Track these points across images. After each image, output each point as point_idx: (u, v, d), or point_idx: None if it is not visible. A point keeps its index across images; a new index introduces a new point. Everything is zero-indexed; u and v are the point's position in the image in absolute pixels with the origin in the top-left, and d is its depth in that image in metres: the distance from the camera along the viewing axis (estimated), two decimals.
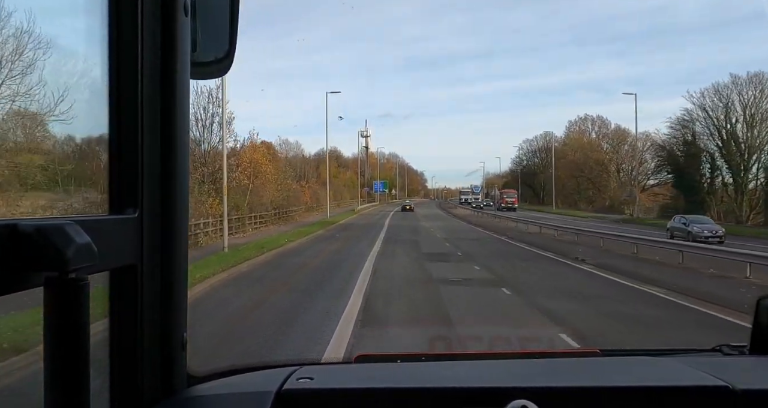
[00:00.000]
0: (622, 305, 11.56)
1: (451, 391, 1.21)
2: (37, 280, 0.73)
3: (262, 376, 1.38)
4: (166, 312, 1.07)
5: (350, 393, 1.22)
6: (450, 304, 11.18)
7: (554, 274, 16.29)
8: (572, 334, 8.41)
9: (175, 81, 1.05)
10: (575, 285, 14.21)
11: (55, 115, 3.26)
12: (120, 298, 1.00)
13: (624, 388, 1.23)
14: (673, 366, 1.43)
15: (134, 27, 0.98)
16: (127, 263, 0.98)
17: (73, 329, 0.74)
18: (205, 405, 1.16)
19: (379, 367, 1.51)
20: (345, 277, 14.75)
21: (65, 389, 0.75)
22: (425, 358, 1.57)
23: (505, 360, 1.63)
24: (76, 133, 3.26)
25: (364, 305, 10.89)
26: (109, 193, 0.99)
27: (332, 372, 1.45)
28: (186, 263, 1.14)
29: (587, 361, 1.59)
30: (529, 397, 1.09)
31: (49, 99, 2.28)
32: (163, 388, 1.10)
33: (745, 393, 1.16)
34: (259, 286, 13.96)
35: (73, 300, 0.74)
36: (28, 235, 0.71)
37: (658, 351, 1.63)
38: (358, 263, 17.65)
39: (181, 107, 1.08)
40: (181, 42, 1.06)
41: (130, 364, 1.02)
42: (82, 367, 0.75)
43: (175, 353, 1.12)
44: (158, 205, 1.04)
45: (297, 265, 17.63)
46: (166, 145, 1.05)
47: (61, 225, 0.74)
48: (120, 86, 0.98)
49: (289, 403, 1.17)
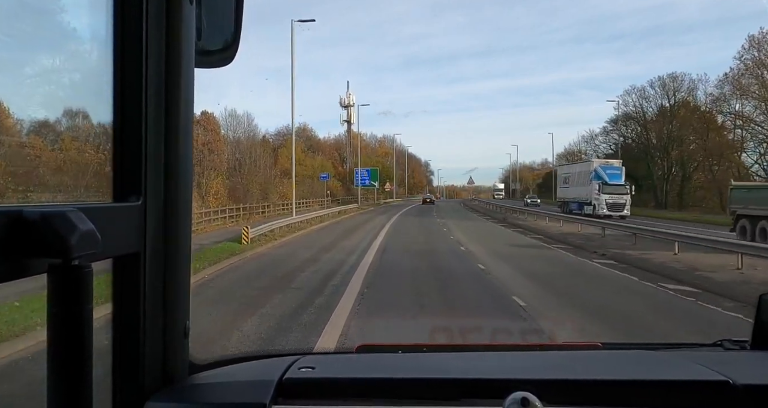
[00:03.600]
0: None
1: (451, 382, 1.21)
2: (40, 266, 0.73)
3: (263, 365, 1.38)
4: (168, 300, 1.08)
5: (351, 382, 1.22)
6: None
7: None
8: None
9: (179, 69, 1.05)
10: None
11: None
12: (123, 285, 1.01)
13: (624, 381, 1.23)
14: (674, 360, 1.43)
15: (139, 15, 0.97)
16: (130, 251, 0.98)
17: (76, 316, 0.74)
18: (207, 393, 1.17)
19: (381, 357, 1.52)
20: None
21: (68, 375, 0.75)
22: (426, 348, 1.57)
23: (507, 352, 1.63)
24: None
25: None
26: (113, 181, 0.99)
27: (334, 361, 1.45)
28: (189, 251, 1.14)
29: (588, 354, 1.59)
30: (530, 389, 1.09)
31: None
32: (165, 376, 1.10)
33: (746, 388, 1.16)
34: None
35: (77, 287, 0.74)
36: (32, 222, 0.71)
37: (659, 345, 1.64)
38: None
39: (186, 96, 1.08)
40: (186, 30, 1.06)
41: (132, 351, 1.02)
42: (85, 354, 0.76)
43: (178, 341, 1.12)
44: (162, 193, 1.04)
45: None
46: (170, 133, 1.05)
47: (64, 212, 0.74)
48: (124, 74, 0.98)
49: (290, 392, 1.17)
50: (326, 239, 23.09)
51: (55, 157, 6.87)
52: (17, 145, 6.56)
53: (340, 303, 10.01)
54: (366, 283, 12.19)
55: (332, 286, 11.94)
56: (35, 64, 1.77)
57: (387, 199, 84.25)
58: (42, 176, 6.70)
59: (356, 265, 14.98)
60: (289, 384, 1.19)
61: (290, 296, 10.78)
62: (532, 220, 37.75)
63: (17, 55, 1.43)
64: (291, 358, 1.34)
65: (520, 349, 1.68)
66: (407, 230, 28.67)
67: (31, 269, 0.73)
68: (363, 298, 10.56)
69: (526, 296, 10.66)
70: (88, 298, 0.75)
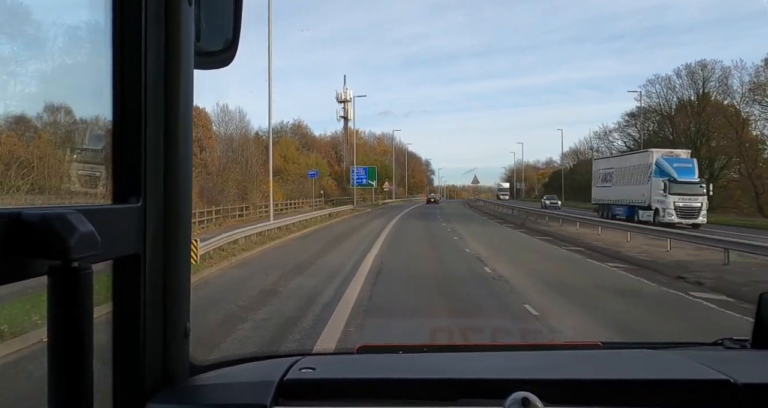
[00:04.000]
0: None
1: (452, 382, 1.21)
2: (40, 268, 0.73)
3: (264, 366, 1.38)
4: (169, 301, 1.08)
5: (352, 383, 1.22)
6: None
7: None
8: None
9: (179, 71, 1.05)
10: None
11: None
12: (123, 286, 1.01)
13: (625, 380, 1.23)
14: (674, 359, 1.43)
15: (138, 16, 0.97)
16: (130, 252, 0.98)
17: (76, 317, 0.74)
18: (207, 394, 1.17)
19: (381, 357, 1.52)
20: None
21: (68, 376, 0.75)
22: (427, 349, 1.57)
23: (507, 352, 1.63)
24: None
25: None
26: (112, 183, 1.00)
27: (334, 362, 1.45)
28: (189, 252, 1.14)
29: (588, 354, 1.59)
30: (530, 389, 1.09)
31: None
32: (166, 377, 1.10)
33: (746, 387, 1.16)
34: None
35: (77, 288, 0.74)
36: (32, 224, 0.71)
37: (659, 344, 1.64)
38: None
39: (185, 97, 1.08)
40: (185, 32, 1.06)
41: (132, 352, 1.02)
42: (85, 355, 0.76)
43: (178, 342, 1.12)
44: (161, 194, 1.04)
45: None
46: (169, 134, 1.05)
47: (64, 214, 0.74)
48: (124, 76, 0.98)
49: (291, 393, 1.17)
50: (302, 254, 17.25)
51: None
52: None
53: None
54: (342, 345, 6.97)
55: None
56: (35, 66, 1.78)
57: (386, 199, 79.66)
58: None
59: (331, 304, 9.60)
60: (289, 385, 1.19)
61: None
62: (556, 225, 30.68)
63: (18, 58, 1.43)
64: (291, 359, 1.34)
65: (520, 348, 1.68)
66: (409, 241, 22.70)
67: (31, 271, 0.73)
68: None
69: None
70: (88, 299, 0.75)
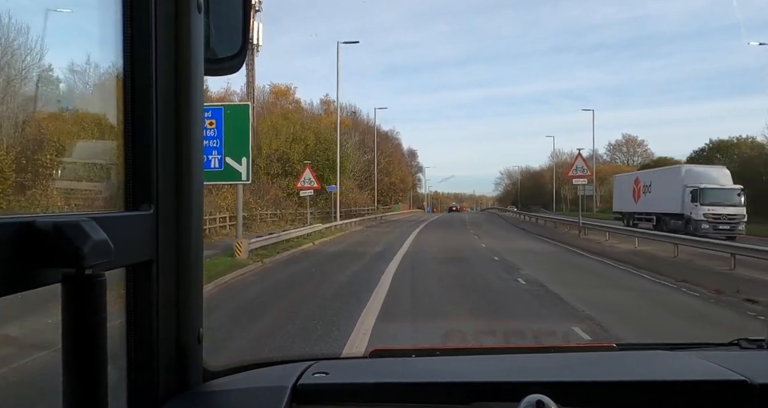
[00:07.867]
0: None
1: (465, 386, 1.21)
2: (54, 276, 0.74)
3: (277, 371, 1.38)
4: (182, 307, 1.08)
5: (365, 388, 1.22)
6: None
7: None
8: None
9: (189, 78, 1.06)
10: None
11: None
12: (136, 293, 1.01)
13: (640, 382, 1.22)
14: (689, 360, 1.42)
15: (148, 24, 0.98)
16: (143, 259, 0.99)
17: (90, 325, 0.75)
18: (221, 400, 1.17)
19: (394, 361, 1.51)
20: None
21: (83, 383, 0.75)
22: (440, 352, 1.57)
23: (520, 354, 1.62)
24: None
25: None
26: (124, 190, 1.00)
27: (348, 367, 1.45)
28: (201, 258, 1.14)
29: (603, 356, 1.58)
30: (545, 392, 1.08)
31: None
32: (179, 383, 1.11)
33: (763, 387, 1.15)
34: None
35: (90, 296, 0.74)
36: (45, 232, 0.72)
37: (674, 345, 1.62)
38: None
39: (195, 104, 1.08)
40: (195, 39, 1.07)
41: (146, 359, 1.02)
42: (100, 362, 0.76)
43: (191, 348, 1.12)
44: (173, 201, 1.05)
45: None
46: (180, 141, 1.05)
47: (77, 221, 0.74)
48: (134, 83, 0.99)
49: (305, 398, 1.17)
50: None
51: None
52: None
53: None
54: None
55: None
56: (46, 73, 1.79)
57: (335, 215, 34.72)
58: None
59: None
60: (303, 390, 1.19)
61: None
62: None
63: (29, 66, 1.45)
64: (305, 364, 1.34)
65: (534, 351, 1.67)
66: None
67: (44, 279, 0.74)
68: None
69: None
70: (101, 306, 0.76)
